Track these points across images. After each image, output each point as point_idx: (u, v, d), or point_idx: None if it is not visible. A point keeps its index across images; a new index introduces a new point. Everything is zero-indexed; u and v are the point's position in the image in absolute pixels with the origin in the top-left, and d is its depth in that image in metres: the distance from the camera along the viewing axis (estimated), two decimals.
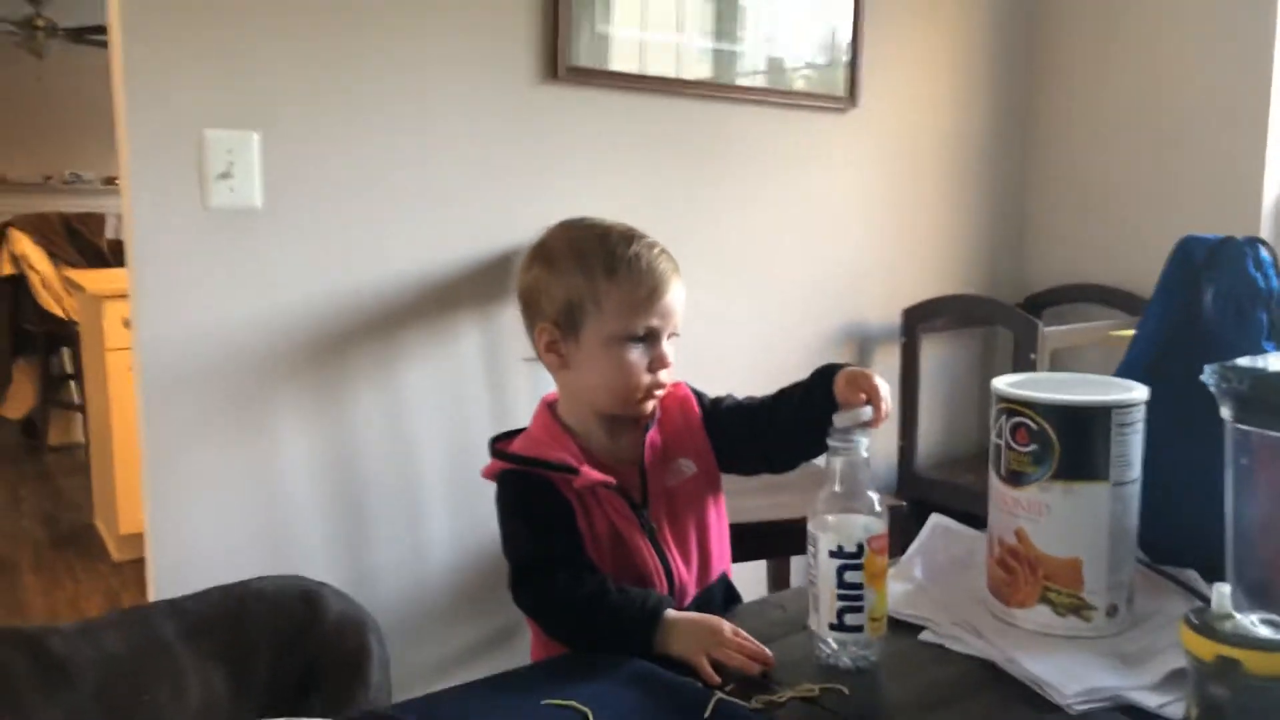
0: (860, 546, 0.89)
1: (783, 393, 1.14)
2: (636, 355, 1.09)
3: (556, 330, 1.10)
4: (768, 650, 0.91)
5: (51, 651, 1.04)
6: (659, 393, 1.12)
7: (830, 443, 0.94)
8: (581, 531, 1.06)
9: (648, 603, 0.97)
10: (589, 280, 1.08)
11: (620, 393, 1.09)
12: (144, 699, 1.08)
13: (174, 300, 1.57)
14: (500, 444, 1.14)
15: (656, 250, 1.12)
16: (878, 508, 0.92)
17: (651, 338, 1.09)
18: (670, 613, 0.96)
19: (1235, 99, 2.38)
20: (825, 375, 1.06)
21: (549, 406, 1.16)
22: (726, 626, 0.94)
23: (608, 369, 1.09)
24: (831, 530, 0.90)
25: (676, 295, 1.11)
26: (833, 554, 0.89)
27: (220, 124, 1.57)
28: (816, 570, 0.91)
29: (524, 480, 1.08)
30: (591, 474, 1.06)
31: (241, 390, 1.63)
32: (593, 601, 0.98)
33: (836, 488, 0.92)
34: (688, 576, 1.13)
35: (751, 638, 0.93)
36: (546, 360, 1.13)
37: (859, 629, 0.90)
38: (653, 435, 1.13)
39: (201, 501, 1.62)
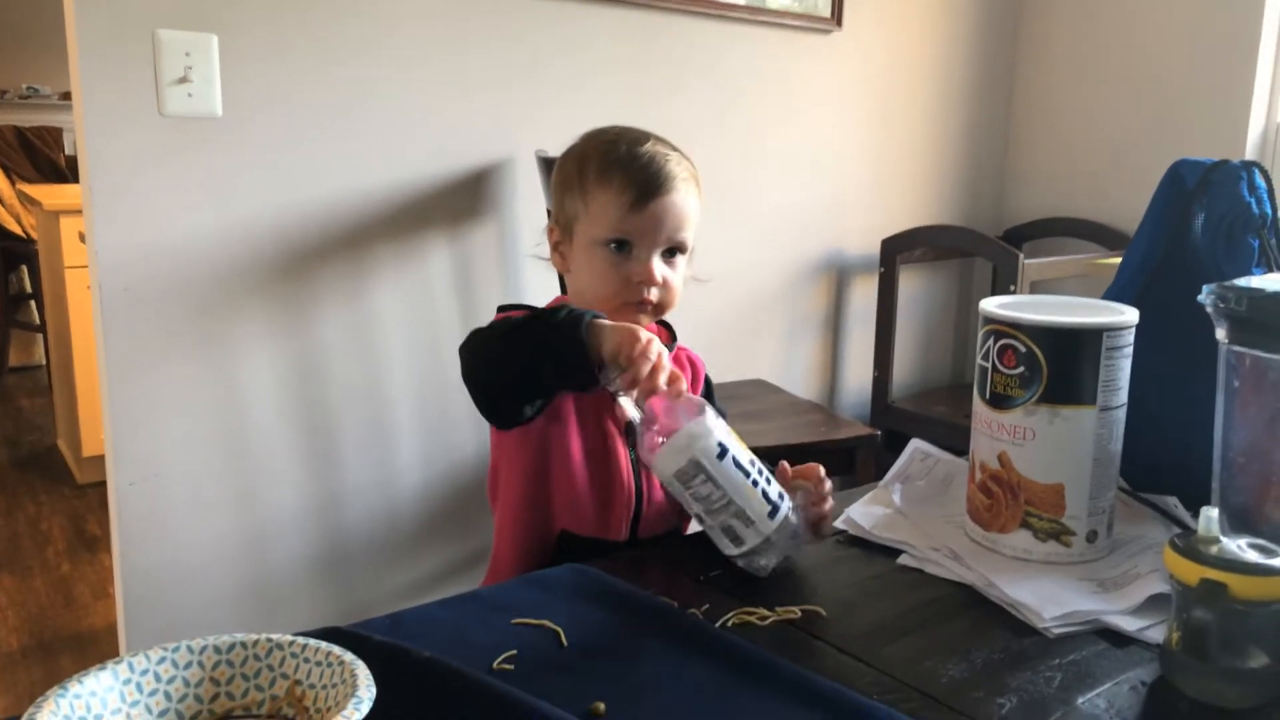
0: (721, 445, 0.87)
1: None
2: (615, 264, 1.04)
3: (559, 231, 1.10)
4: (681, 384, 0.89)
5: None
6: (644, 318, 1.07)
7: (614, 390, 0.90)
8: (569, 433, 1.04)
9: (574, 310, 0.93)
10: (581, 177, 1.06)
11: (600, 304, 1.04)
12: None
13: (130, 211, 1.50)
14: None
15: (665, 153, 1.05)
16: (692, 419, 0.87)
17: (633, 246, 1.03)
18: (597, 318, 0.92)
19: (1222, 32, 2.33)
20: None
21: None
22: (646, 336, 0.88)
23: (590, 274, 1.06)
24: (696, 443, 0.86)
25: (673, 203, 1.04)
26: (720, 456, 0.87)
27: (174, 24, 1.49)
28: (716, 487, 0.87)
29: None
30: None
31: (203, 306, 1.58)
32: (523, 322, 0.95)
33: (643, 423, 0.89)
34: (658, 499, 1.09)
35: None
36: (553, 261, 1.12)
37: (781, 496, 0.90)
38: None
39: (164, 422, 1.57)
